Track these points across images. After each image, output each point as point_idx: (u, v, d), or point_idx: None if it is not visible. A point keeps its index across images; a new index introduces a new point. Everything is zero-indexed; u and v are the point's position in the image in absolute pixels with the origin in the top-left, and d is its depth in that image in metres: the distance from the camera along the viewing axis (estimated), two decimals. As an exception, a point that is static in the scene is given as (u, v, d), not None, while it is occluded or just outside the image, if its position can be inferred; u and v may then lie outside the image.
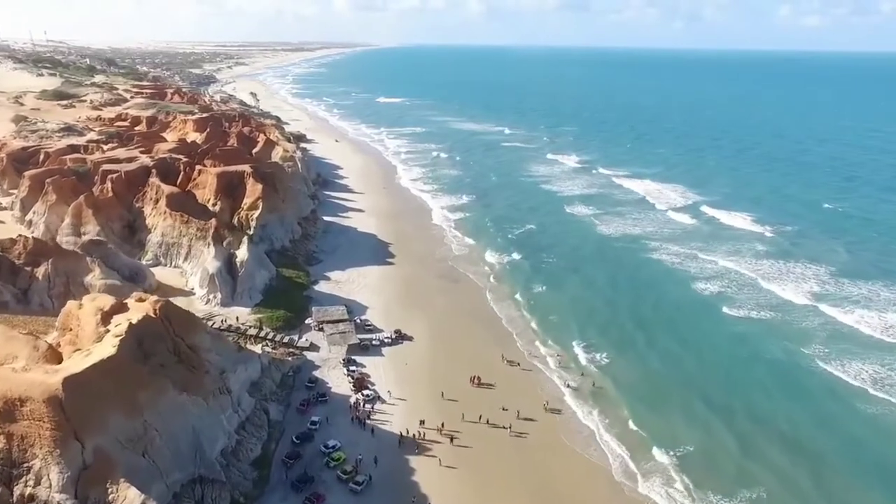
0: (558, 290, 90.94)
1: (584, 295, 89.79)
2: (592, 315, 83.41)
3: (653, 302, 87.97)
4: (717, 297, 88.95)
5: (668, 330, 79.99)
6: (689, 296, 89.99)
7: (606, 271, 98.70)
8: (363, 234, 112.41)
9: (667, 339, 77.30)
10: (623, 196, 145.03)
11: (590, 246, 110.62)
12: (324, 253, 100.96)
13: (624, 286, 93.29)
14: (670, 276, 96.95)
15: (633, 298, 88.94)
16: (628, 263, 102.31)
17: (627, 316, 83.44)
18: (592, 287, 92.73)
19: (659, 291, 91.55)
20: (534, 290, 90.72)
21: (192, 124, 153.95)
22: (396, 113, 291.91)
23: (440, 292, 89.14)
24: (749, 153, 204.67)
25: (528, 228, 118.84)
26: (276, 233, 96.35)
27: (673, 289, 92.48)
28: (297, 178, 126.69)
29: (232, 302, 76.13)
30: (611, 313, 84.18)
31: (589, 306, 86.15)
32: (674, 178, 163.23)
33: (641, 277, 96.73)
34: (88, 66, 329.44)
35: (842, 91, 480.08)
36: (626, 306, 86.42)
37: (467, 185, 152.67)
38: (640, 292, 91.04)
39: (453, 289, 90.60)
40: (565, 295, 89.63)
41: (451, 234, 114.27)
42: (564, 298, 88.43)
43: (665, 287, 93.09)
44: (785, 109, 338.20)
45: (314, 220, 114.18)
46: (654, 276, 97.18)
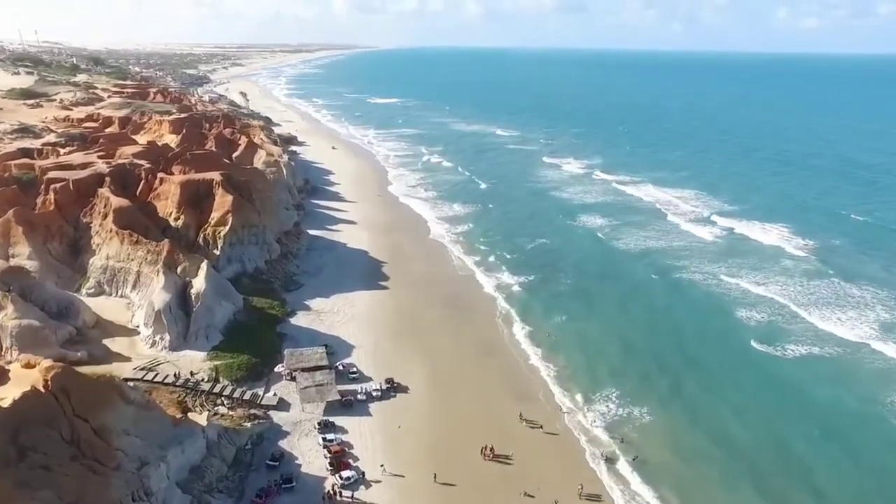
0: (581, 321, 76.10)
1: (611, 327, 74.92)
2: (625, 355, 68.60)
3: (689, 337, 73.36)
4: (757, 330, 74.68)
5: (711, 374, 65.37)
6: (727, 329, 75.59)
7: (630, 297, 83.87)
8: (353, 251, 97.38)
9: (712, 387, 62.64)
10: (632, 204, 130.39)
11: (607, 264, 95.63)
12: (306, 275, 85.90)
13: (653, 316, 78.52)
14: (702, 304, 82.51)
15: (666, 332, 74.17)
16: (652, 287, 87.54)
17: (664, 356, 68.71)
18: (619, 317, 77.88)
19: (694, 323, 76.92)
20: (553, 321, 75.88)
21: (169, 126, 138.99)
22: (393, 114, 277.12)
23: (442, 325, 74.18)
24: (755, 155, 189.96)
25: (539, 243, 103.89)
26: (249, 252, 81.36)
27: (708, 320, 77.89)
28: (280, 186, 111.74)
29: (184, 344, 61.12)
30: (645, 353, 69.35)
31: (619, 343, 71.32)
32: (681, 183, 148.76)
33: (670, 304, 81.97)
34: (72, 65, 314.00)
35: (843, 93, 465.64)
36: (659, 343, 71.69)
37: (467, 192, 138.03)
38: (672, 323, 76.42)
39: (458, 320, 75.60)
40: (590, 327, 74.80)
41: (452, 251, 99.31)
42: (590, 332, 73.62)
43: (699, 318, 78.48)
44: (787, 111, 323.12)
45: (297, 234, 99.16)
46: (684, 303, 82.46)
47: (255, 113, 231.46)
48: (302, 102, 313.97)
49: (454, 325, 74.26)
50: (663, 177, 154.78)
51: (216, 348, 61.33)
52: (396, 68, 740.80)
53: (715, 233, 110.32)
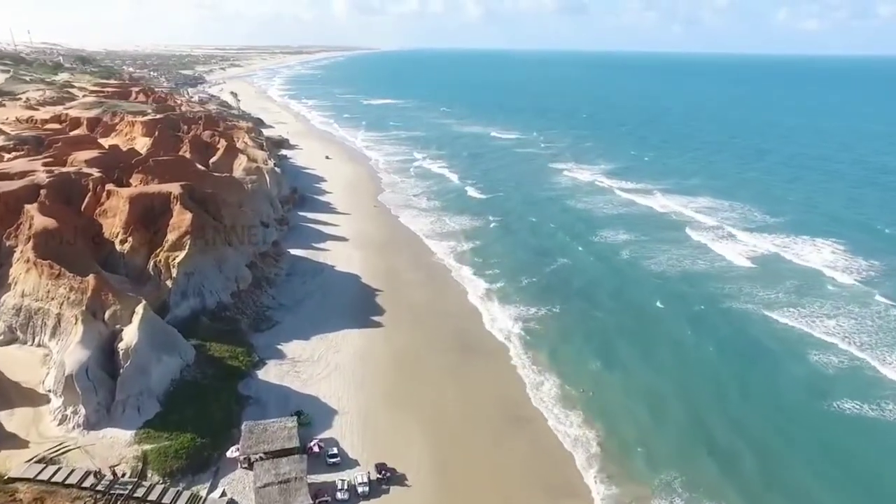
0: (621, 370, 60.68)
1: (660, 379, 59.38)
2: (686, 422, 53.06)
3: (755, 396, 57.56)
4: (837, 386, 58.89)
5: (798, 448, 49.98)
6: (801, 385, 59.46)
7: (673, 336, 68.09)
8: (342, 276, 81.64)
9: (817, 470, 47.17)
10: (648, 217, 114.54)
11: (640, 291, 79.44)
12: (282, 309, 70.18)
13: (707, 363, 62.79)
14: (756, 346, 66.32)
15: (730, 386, 58.61)
16: (697, 322, 71.48)
17: (740, 423, 53.06)
18: (668, 364, 62.27)
19: (756, 374, 60.97)
20: (586, 370, 60.42)
21: (141, 127, 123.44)
22: (392, 116, 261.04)
23: (449, 378, 58.47)
24: (767, 159, 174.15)
25: (558, 264, 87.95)
26: (211, 283, 65.64)
27: (774, 371, 61.69)
28: (260, 197, 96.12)
29: (106, 420, 45.48)
30: (713, 417, 53.84)
31: (675, 402, 55.88)
32: (694, 191, 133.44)
33: (723, 346, 66.01)
34: (55, 63, 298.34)
35: (846, 94, 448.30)
36: (728, 403, 56.08)
37: (469, 202, 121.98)
38: (731, 375, 60.66)
39: (468, 370, 59.93)
40: (634, 379, 59.33)
41: (456, 275, 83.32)
42: (635, 385, 58.24)
43: (763, 368, 62.35)
44: (792, 112, 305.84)
45: (276, 256, 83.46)
46: (737, 345, 66.75)
47: (245, 114, 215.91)
48: (297, 103, 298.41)
49: (464, 378, 58.56)
50: (675, 184, 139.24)
51: (150, 424, 45.58)
52: (396, 70, 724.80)
53: (745, 252, 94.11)
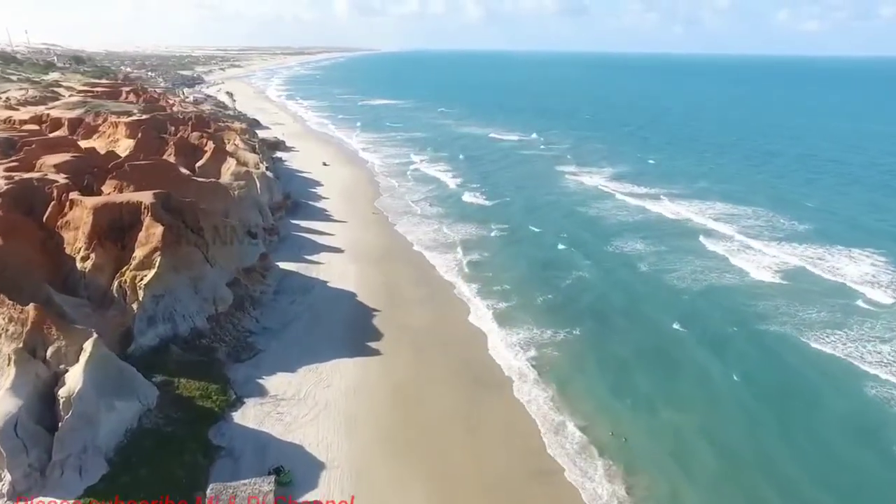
0: (645, 409, 52.18)
1: (689, 419, 50.81)
2: (726, 475, 44.64)
3: (798, 441, 49.05)
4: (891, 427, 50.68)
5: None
6: (842, 424, 51.14)
7: (701, 363, 59.64)
8: (336, 294, 73.34)
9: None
10: (659, 225, 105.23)
11: (656, 312, 70.35)
12: (267, 334, 61.91)
13: (739, 399, 54.16)
14: (794, 378, 57.76)
15: (768, 433, 49.99)
16: (724, 348, 62.70)
17: (778, 476, 44.71)
18: (697, 400, 53.70)
19: (797, 413, 52.49)
20: (606, 408, 52.05)
21: (125, 129, 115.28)
22: (392, 116, 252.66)
23: (455, 419, 50.00)
24: (776, 161, 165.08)
25: (566, 280, 79.09)
26: (185, 306, 57.38)
27: (812, 409, 53.19)
28: (248, 205, 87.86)
29: (39, 486, 37.19)
30: (747, 468, 45.44)
31: (707, 448, 47.36)
32: (703, 195, 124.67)
33: (755, 378, 57.29)
34: (47, 63, 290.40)
35: (850, 95, 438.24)
36: (762, 448, 47.71)
37: (474, 208, 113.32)
38: (768, 413, 52.04)
39: (477, 410, 51.30)
40: (658, 421, 50.92)
41: (461, 292, 74.66)
42: (660, 430, 49.73)
43: (800, 403, 53.95)
44: (797, 113, 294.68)
45: (263, 271, 75.18)
46: (771, 377, 57.89)
47: (241, 115, 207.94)
48: (296, 104, 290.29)
49: (472, 419, 50.12)
50: (683, 188, 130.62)
51: (93, 490, 37.17)
52: (396, 70, 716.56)
53: (768, 265, 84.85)
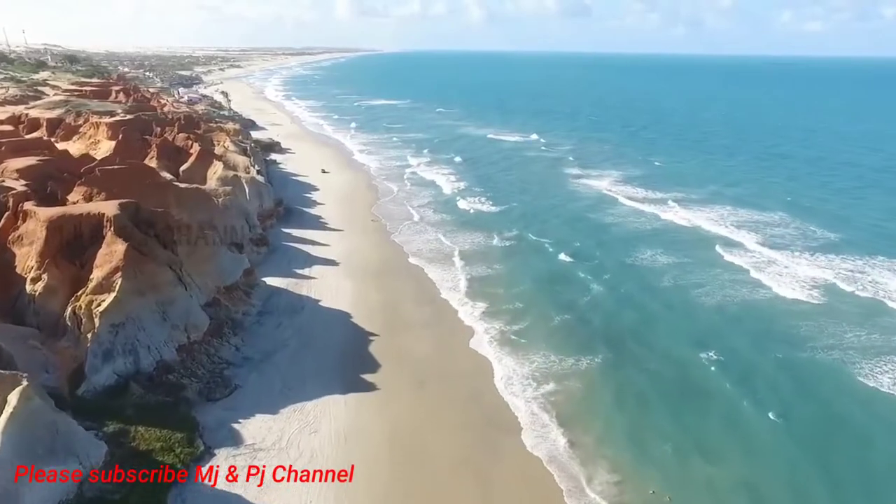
0: (673, 458, 43.64)
1: (728, 472, 42.71)
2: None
3: (853, 497, 41.41)
4: None
5: None
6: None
7: (733, 400, 50.77)
8: (329, 315, 65.28)
9: None
10: (677, 235, 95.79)
11: (677, 337, 61.28)
12: (247, 365, 53.82)
13: (781, 445, 45.76)
14: (841, 419, 49.04)
15: (816, 487, 42.06)
16: (757, 381, 53.62)
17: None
18: (734, 447, 45.33)
19: (847, 462, 44.10)
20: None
21: (106, 130, 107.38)
22: (393, 117, 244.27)
23: (464, 477, 41.60)
24: (786, 163, 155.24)
25: (585, 296, 70.53)
26: (149, 336, 49.30)
27: (865, 456, 44.77)
28: (233, 213, 79.77)
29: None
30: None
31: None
32: (714, 200, 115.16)
33: (795, 417, 48.82)
34: (38, 62, 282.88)
35: (855, 95, 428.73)
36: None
37: (477, 216, 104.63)
38: (813, 461, 43.54)
39: (488, 464, 42.91)
40: (691, 473, 42.39)
41: (465, 314, 65.80)
42: (694, 484, 41.54)
43: (850, 449, 45.54)
44: (802, 114, 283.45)
45: (248, 288, 67.10)
46: (812, 416, 49.20)
47: (236, 115, 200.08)
48: (294, 104, 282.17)
49: (482, 476, 41.66)
50: (693, 193, 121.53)
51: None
52: (397, 71, 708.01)
53: (795, 281, 75.62)
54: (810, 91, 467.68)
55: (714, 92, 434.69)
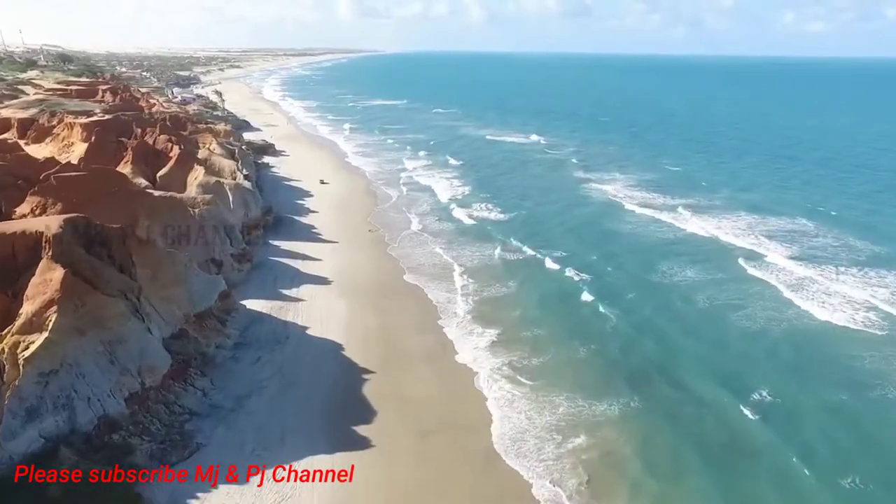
0: None
1: None
2: None
3: None
4: None
5: None
6: None
7: (786, 465, 41.51)
8: (317, 347, 55.66)
9: None
10: (698, 247, 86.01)
11: (731, 376, 51.82)
12: (215, 414, 44.30)
13: None
14: None
15: None
16: (809, 437, 44.05)
17: None
18: None
19: None
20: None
21: (81, 131, 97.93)
22: (392, 118, 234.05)
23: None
24: (800, 166, 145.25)
25: (600, 325, 60.43)
26: (90, 383, 39.76)
27: None
28: (212, 226, 70.10)
29: None
30: None
31: None
32: (731, 208, 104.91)
33: (869, 486, 40.52)
34: (28, 60, 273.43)
35: (860, 95, 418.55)
36: None
37: (482, 225, 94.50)
38: None
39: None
40: None
41: (472, 344, 56.33)
42: None
43: None
44: (808, 114, 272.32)
45: (225, 314, 57.52)
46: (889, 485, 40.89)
47: (230, 115, 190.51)
48: (292, 105, 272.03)
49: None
50: (704, 199, 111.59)
51: None
52: (397, 71, 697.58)
53: (837, 303, 65.91)
54: (814, 91, 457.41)
55: (716, 92, 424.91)
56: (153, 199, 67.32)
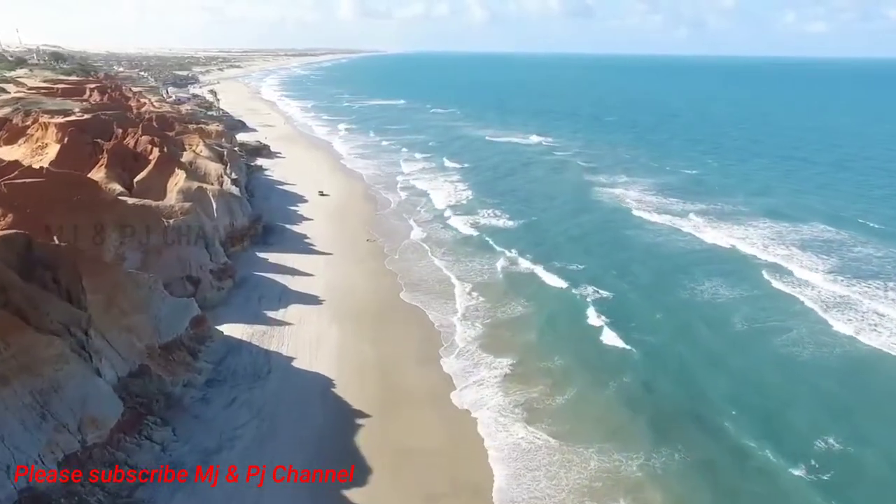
0: None
1: None
2: None
3: None
4: None
5: None
6: None
7: None
8: (304, 382, 47.47)
9: None
10: (720, 259, 77.48)
11: (775, 429, 43.41)
12: (175, 474, 36.67)
13: None
14: None
15: None
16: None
17: None
18: None
19: None
20: None
21: (55, 131, 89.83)
22: (393, 119, 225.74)
23: None
24: (814, 169, 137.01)
25: (619, 358, 52.05)
26: (12, 447, 31.43)
27: None
28: (189, 239, 62.07)
29: None
30: None
31: None
32: (747, 214, 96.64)
33: None
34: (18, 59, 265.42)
35: (865, 95, 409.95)
36: None
37: (488, 234, 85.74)
38: None
39: None
40: None
41: (483, 387, 47.49)
42: None
43: None
44: (814, 114, 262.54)
45: (197, 342, 49.48)
46: None
47: (224, 115, 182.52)
48: (290, 105, 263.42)
49: None
50: (718, 205, 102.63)
51: None
52: (398, 71, 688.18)
53: (877, 327, 58.36)
54: (817, 91, 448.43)
55: (718, 92, 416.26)
56: (123, 208, 59.31)
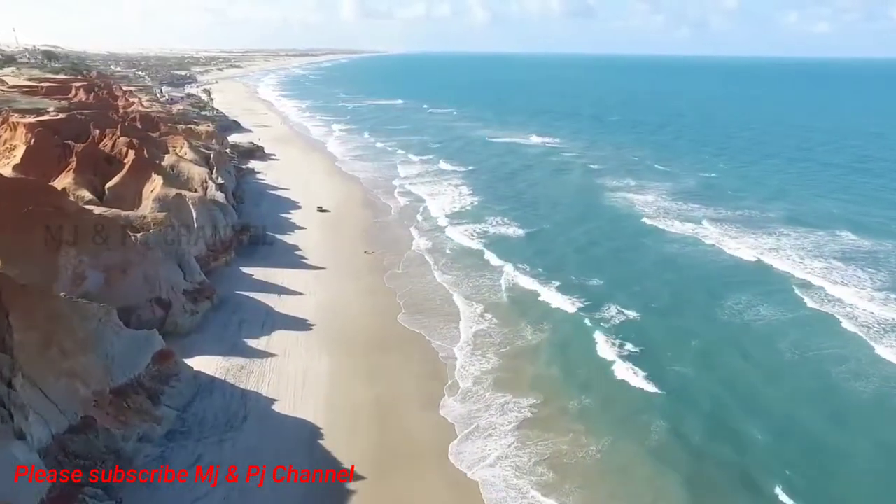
0: None
1: None
2: None
3: None
4: None
5: None
6: None
7: None
8: (286, 432, 39.38)
9: None
10: (748, 278, 68.63)
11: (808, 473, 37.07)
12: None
13: None
14: None
15: None
16: None
17: None
18: None
19: None
20: None
21: (25, 132, 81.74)
22: (393, 119, 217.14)
23: None
24: (830, 171, 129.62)
25: (643, 405, 43.72)
26: None
27: None
28: (159, 256, 53.88)
29: None
30: None
31: None
32: (766, 222, 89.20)
33: None
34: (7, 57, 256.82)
35: (871, 95, 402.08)
36: None
37: (493, 245, 77.64)
38: None
39: None
40: None
41: (496, 443, 38.78)
42: None
43: None
44: (820, 114, 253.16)
45: (161, 381, 41.41)
46: None
47: (218, 115, 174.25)
48: (288, 105, 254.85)
49: None
50: (734, 212, 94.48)
51: None
52: (399, 71, 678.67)
53: None
54: (822, 91, 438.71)
55: (722, 94, 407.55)
56: (81, 219, 51.23)
